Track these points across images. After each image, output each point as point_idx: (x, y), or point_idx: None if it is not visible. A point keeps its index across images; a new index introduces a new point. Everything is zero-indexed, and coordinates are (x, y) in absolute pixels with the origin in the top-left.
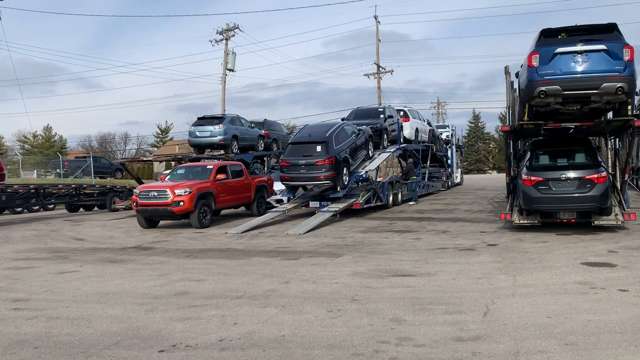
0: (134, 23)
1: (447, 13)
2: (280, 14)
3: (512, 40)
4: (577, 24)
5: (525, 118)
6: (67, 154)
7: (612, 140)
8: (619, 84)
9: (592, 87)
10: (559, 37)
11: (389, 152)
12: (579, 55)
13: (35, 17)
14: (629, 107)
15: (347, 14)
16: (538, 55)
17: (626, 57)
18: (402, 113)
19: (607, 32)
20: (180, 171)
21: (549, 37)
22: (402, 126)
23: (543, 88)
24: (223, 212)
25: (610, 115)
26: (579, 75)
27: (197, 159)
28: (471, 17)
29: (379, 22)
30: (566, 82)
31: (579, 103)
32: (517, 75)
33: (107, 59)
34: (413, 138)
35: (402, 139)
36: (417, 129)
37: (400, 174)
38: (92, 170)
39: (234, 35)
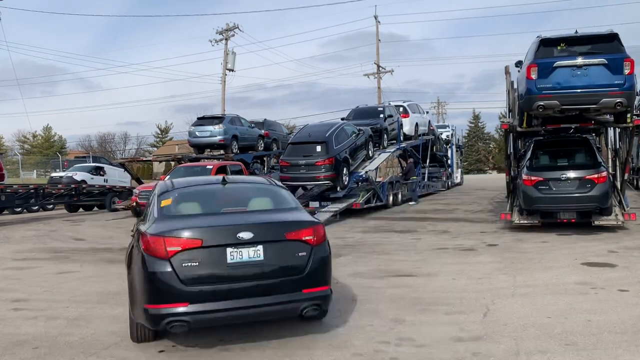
0: (134, 23)
1: (446, 13)
2: (280, 14)
3: (512, 40)
4: (577, 32)
5: (524, 125)
6: (66, 154)
7: (613, 138)
8: (618, 100)
9: (591, 102)
10: (559, 47)
11: (389, 152)
12: (579, 69)
13: (35, 17)
14: (628, 115)
15: (346, 14)
16: (537, 68)
17: (626, 71)
18: (401, 109)
19: (608, 41)
20: (179, 171)
21: (548, 47)
22: (401, 124)
23: (542, 103)
24: None
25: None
26: (578, 90)
27: (197, 159)
28: (471, 17)
29: (379, 22)
30: (565, 97)
31: (577, 111)
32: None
33: (107, 59)
34: (413, 134)
35: (402, 137)
36: (416, 123)
37: (400, 174)
38: None
39: (233, 35)
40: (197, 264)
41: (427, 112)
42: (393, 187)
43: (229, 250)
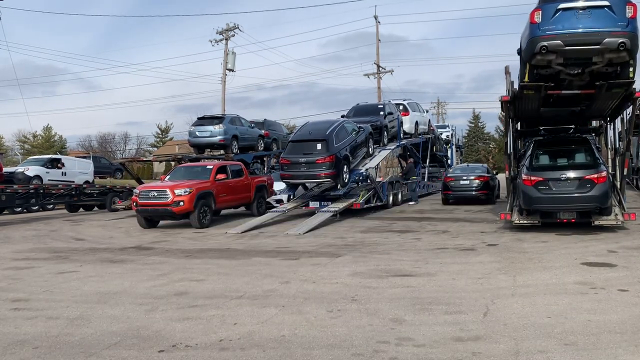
0: (134, 23)
1: (446, 13)
2: (280, 14)
3: (512, 40)
4: None
5: (526, 79)
6: (67, 154)
7: (613, 137)
8: (621, 40)
9: (594, 42)
10: None
11: (390, 149)
12: (582, 11)
13: (35, 17)
14: (631, 69)
15: (346, 14)
16: (541, 12)
17: (629, 14)
18: (401, 107)
19: None
20: (180, 171)
21: None
22: (402, 122)
23: (545, 43)
24: (223, 212)
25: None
26: (581, 30)
27: (197, 159)
28: (470, 17)
29: (379, 22)
30: (568, 37)
31: (580, 66)
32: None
33: (107, 59)
34: (413, 132)
35: (402, 135)
36: (416, 122)
37: (400, 174)
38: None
39: (234, 35)
40: (453, 184)
41: (427, 112)
42: (393, 187)
43: (460, 180)
